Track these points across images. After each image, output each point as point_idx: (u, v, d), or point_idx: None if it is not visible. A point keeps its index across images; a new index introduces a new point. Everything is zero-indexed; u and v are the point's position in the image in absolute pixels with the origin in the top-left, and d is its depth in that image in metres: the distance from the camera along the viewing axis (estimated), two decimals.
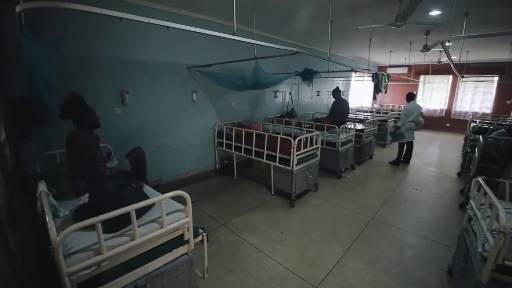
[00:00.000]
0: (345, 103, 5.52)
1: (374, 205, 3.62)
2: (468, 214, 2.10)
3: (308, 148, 3.67)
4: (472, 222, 2.00)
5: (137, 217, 1.50)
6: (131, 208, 1.34)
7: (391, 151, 6.54)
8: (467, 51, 6.96)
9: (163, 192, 1.59)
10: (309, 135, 3.74)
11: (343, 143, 4.60)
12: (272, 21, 4.40)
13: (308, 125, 5.10)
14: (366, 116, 7.62)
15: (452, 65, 4.44)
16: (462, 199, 3.74)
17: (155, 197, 1.47)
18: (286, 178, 3.55)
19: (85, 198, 1.74)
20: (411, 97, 5.37)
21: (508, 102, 8.64)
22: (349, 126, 4.91)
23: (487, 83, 9.24)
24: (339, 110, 5.29)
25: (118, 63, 3.24)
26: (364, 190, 4.21)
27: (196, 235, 1.74)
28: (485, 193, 1.82)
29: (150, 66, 3.55)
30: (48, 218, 1.32)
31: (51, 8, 1.32)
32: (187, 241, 1.67)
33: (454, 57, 7.32)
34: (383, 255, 2.55)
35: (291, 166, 3.42)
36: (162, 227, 1.51)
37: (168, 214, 1.56)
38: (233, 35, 2.05)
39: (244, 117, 5.24)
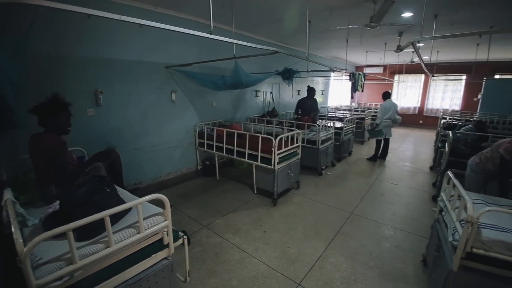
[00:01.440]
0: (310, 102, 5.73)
1: (353, 201, 3.73)
2: (439, 205, 2.22)
3: (289, 147, 3.71)
4: (443, 213, 2.12)
5: (113, 223, 1.44)
6: (105, 214, 1.29)
7: (369, 148, 6.78)
8: (437, 52, 7.35)
9: (141, 196, 1.54)
10: (289, 133, 3.78)
11: (323, 141, 4.70)
12: (251, 21, 4.40)
13: (289, 124, 5.16)
14: (344, 114, 7.83)
15: (423, 65, 4.67)
16: (435, 192, 3.95)
17: (131, 202, 1.42)
18: (268, 177, 3.57)
19: (56, 205, 1.65)
20: (387, 95, 5.58)
21: (475, 99, 9.22)
22: (328, 124, 5.04)
23: (456, 82, 9.82)
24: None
25: (91, 63, 3.10)
26: (344, 186, 4.33)
27: (176, 238, 1.70)
28: (454, 186, 1.93)
29: (126, 65, 3.43)
30: (14, 228, 1.24)
31: (12, 3, 1.23)
32: (167, 245, 1.63)
33: (425, 57, 7.73)
34: (362, 248, 2.64)
35: (272, 165, 3.44)
36: (139, 232, 1.46)
37: (145, 219, 1.52)
38: (210, 34, 2.02)
39: (226, 117, 5.21)
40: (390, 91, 5.73)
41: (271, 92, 6.39)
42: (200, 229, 2.96)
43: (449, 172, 2.09)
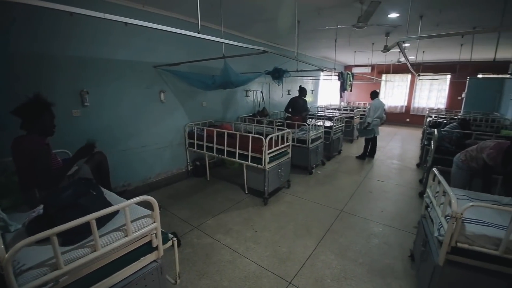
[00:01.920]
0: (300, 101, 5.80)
1: (343, 198, 3.78)
2: (426, 202, 2.28)
3: (280, 146, 3.73)
4: (429, 209, 2.18)
5: (99, 227, 1.41)
6: (91, 217, 1.26)
7: (358, 146, 6.89)
8: (423, 52, 7.53)
9: (130, 198, 1.51)
10: (280, 133, 3.79)
11: (313, 140, 4.74)
12: (241, 20, 4.38)
13: (279, 124, 5.18)
14: (334, 113, 7.92)
15: (408, 64, 4.78)
16: (421, 188, 4.05)
17: (118, 204, 1.39)
18: (259, 176, 3.58)
19: (39, 209, 1.60)
20: (375, 94, 5.68)
21: (459, 98, 9.51)
22: (318, 123, 5.09)
23: (441, 81, 10.10)
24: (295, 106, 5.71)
25: (76, 62, 3.01)
26: (333, 184, 4.38)
27: (165, 240, 1.67)
28: (439, 182, 1.99)
29: (113, 65, 3.35)
30: None
31: None
32: (156, 248, 1.60)
33: (412, 57, 7.91)
34: (351, 245, 2.68)
35: (263, 165, 3.44)
36: (127, 235, 1.43)
37: (133, 221, 1.49)
38: (198, 33, 2.00)
39: (216, 117, 5.18)
40: (378, 90, 5.83)
41: (261, 92, 6.39)
42: (190, 230, 2.93)
43: (434, 169, 2.15)
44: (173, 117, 4.30)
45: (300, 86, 5.77)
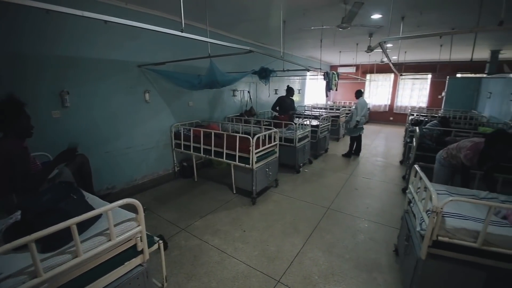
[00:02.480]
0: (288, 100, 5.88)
1: (330, 196, 3.84)
2: (408, 197, 2.35)
3: (267, 146, 3.74)
4: (412, 204, 2.25)
5: (81, 232, 1.37)
6: (71, 222, 1.21)
7: (344, 145, 7.02)
8: (405, 52, 7.75)
9: (114, 201, 1.47)
10: (267, 132, 3.81)
11: (300, 139, 4.79)
12: (226, 19, 4.36)
13: (267, 123, 5.19)
14: (320, 112, 8.03)
15: (391, 64, 4.91)
16: (404, 184, 4.17)
17: (100, 208, 1.35)
18: (247, 176, 3.57)
19: (17, 215, 1.53)
20: (360, 93, 5.80)
21: (439, 96, 9.87)
22: (305, 122, 5.15)
23: (422, 80, 10.45)
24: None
25: (55, 61, 2.90)
26: (320, 182, 4.44)
27: (151, 244, 1.64)
28: (421, 178, 2.05)
29: (95, 64, 3.25)
30: None
31: None
32: (141, 252, 1.57)
33: (394, 57, 8.13)
34: (338, 242, 2.73)
35: (251, 164, 3.44)
36: (110, 240, 1.39)
37: (117, 225, 1.45)
38: (182, 32, 1.97)
39: (203, 117, 5.13)
40: (362, 90, 5.96)
41: (248, 91, 6.39)
42: (178, 232, 2.89)
43: (415, 166, 2.22)
44: (158, 117, 4.22)
45: (287, 86, 5.83)
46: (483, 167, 2.42)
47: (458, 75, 9.13)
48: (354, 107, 5.90)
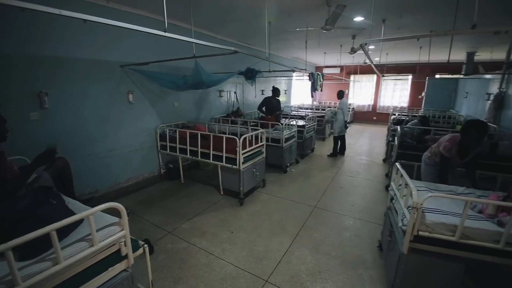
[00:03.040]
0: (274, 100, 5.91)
1: (316, 195, 3.90)
2: (390, 194, 2.43)
3: (254, 146, 3.75)
4: (394, 201, 2.32)
5: (61, 238, 1.33)
6: (51, 228, 1.17)
7: (330, 144, 7.10)
8: (387, 54, 7.99)
9: (96, 206, 1.42)
10: (254, 133, 3.81)
11: (287, 139, 4.83)
12: (212, 20, 4.34)
13: (253, 124, 5.20)
14: (306, 113, 8.13)
15: (372, 65, 5.05)
16: (387, 182, 4.29)
17: (81, 213, 1.30)
18: (234, 177, 3.57)
19: None
20: (342, 94, 5.93)
21: (419, 96, 10.23)
22: (291, 123, 5.20)
23: (403, 81, 10.81)
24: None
25: (32, 61, 2.78)
26: (307, 182, 4.50)
27: (136, 248, 1.60)
28: (402, 175, 2.12)
29: (75, 64, 3.14)
30: None
31: None
32: (126, 256, 1.53)
33: (376, 59, 8.36)
34: (325, 240, 2.77)
35: (238, 165, 3.44)
36: (92, 245, 1.35)
37: (99, 230, 1.41)
38: (165, 32, 1.94)
39: (189, 118, 5.07)
40: (344, 90, 6.11)
41: (235, 92, 6.38)
42: (164, 236, 2.84)
43: (397, 164, 2.30)
44: (143, 118, 4.13)
45: (273, 86, 5.86)
46: (464, 159, 2.50)
47: (437, 76, 9.53)
48: (338, 108, 6.01)
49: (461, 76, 6.84)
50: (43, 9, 1.28)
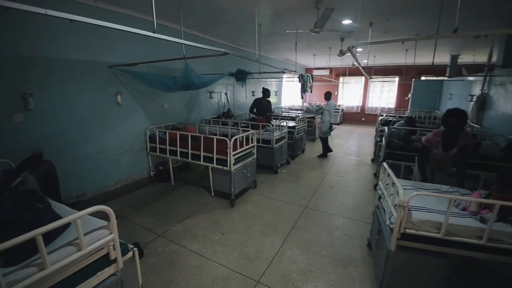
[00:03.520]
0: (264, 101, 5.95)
1: (307, 195, 3.94)
2: (378, 193, 2.48)
3: (245, 147, 3.75)
4: (382, 200, 2.37)
5: (48, 242, 1.30)
6: (36, 233, 1.14)
7: (320, 144, 7.21)
8: (374, 56, 8.18)
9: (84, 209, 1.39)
10: (244, 134, 3.82)
11: (278, 140, 4.86)
12: (202, 21, 4.32)
13: (244, 125, 5.21)
14: (297, 114, 8.20)
15: (360, 68, 5.15)
16: (376, 181, 4.38)
17: (68, 217, 1.28)
18: (225, 178, 3.56)
19: None
20: (330, 95, 6.02)
21: (406, 98, 10.50)
22: (282, 124, 5.24)
23: (390, 83, 11.08)
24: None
25: (16, 61, 2.70)
26: (298, 182, 4.54)
27: (125, 251, 1.58)
28: (389, 175, 2.18)
29: (61, 64, 3.07)
30: None
31: None
32: (115, 260, 1.50)
33: (364, 61, 8.53)
34: (315, 239, 2.80)
35: (228, 166, 3.44)
36: (80, 250, 1.32)
37: (87, 234, 1.38)
38: (154, 33, 1.93)
39: (179, 119, 5.03)
40: (335, 92, 6.20)
41: (225, 93, 6.37)
42: (154, 239, 2.80)
43: (384, 163, 2.35)
44: (132, 120, 4.07)
45: (263, 88, 5.89)
46: (448, 151, 2.55)
47: (423, 78, 9.80)
48: (325, 109, 6.06)
49: (446, 78, 7.07)
50: (29, 8, 1.25)
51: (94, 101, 3.49)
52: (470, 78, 5.94)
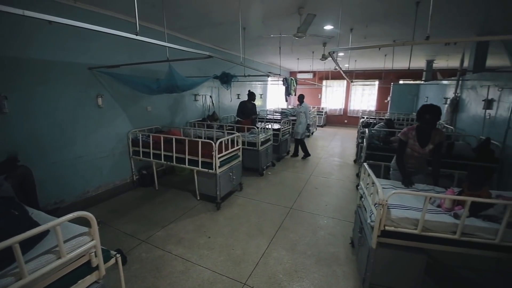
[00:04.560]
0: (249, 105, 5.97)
1: (292, 196, 4.00)
2: (360, 193, 2.57)
3: (230, 150, 3.76)
4: (363, 199, 2.46)
5: (26, 251, 1.25)
6: (13, 241, 1.09)
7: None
8: (355, 60, 8.45)
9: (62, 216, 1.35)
10: (229, 137, 3.83)
11: (263, 143, 4.90)
12: (186, 23, 4.30)
13: (229, 128, 5.21)
14: (282, 116, 8.30)
15: (341, 71, 5.31)
16: (358, 181, 4.52)
17: (47, 223, 1.23)
18: (210, 181, 3.55)
19: None
20: (303, 98, 6.17)
21: (385, 101, 10.90)
22: (267, 126, 5.29)
23: (371, 86, 11.48)
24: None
25: None
26: (283, 184, 4.60)
27: (107, 258, 1.54)
28: (369, 175, 2.26)
29: (38, 66, 2.95)
30: None
31: None
32: (97, 268, 1.47)
33: (346, 65, 8.78)
34: (300, 240, 2.85)
35: (214, 169, 3.43)
36: (60, 257, 1.28)
37: (67, 241, 1.34)
38: (136, 35, 1.91)
39: (163, 122, 4.95)
40: (303, 94, 6.34)
41: (210, 96, 6.35)
42: (138, 245, 2.74)
43: (364, 164, 2.44)
44: (113, 123, 3.97)
45: (249, 91, 5.92)
46: (424, 147, 2.65)
47: (401, 82, 10.24)
48: (300, 111, 6.15)
49: (422, 82, 7.42)
50: (5, 9, 1.20)
51: (74, 104, 3.37)
52: (445, 82, 6.27)
